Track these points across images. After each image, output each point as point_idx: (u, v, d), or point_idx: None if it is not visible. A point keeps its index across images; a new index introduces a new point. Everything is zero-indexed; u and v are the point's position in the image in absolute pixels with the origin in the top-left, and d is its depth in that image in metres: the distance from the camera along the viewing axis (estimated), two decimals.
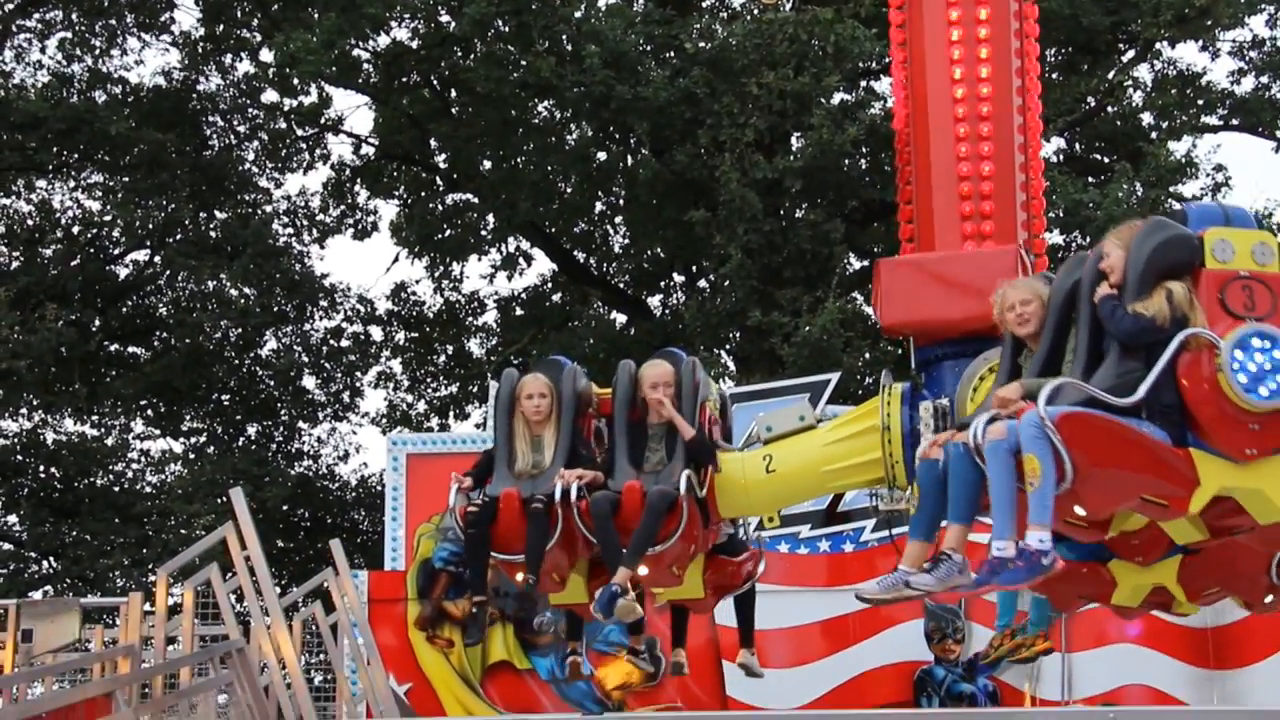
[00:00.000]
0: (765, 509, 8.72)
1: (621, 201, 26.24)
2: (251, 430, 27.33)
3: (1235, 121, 25.47)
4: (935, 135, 7.90)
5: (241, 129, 26.90)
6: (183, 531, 23.70)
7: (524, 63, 23.29)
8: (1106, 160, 25.19)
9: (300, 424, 27.68)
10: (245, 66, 26.24)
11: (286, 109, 26.78)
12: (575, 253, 27.16)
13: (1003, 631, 8.40)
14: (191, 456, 27.02)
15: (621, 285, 27.33)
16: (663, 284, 27.34)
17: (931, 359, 7.68)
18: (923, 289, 7.69)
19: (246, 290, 26.39)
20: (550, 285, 27.88)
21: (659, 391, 7.63)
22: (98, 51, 25.85)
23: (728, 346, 24.23)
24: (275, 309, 26.69)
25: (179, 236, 26.15)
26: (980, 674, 13.55)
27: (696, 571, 7.94)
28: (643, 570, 7.32)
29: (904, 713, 12.72)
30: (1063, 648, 13.60)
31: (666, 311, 26.60)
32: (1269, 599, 7.11)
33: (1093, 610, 13.60)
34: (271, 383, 27.29)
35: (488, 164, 25.24)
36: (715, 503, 7.65)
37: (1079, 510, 6.11)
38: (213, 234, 26.41)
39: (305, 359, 27.45)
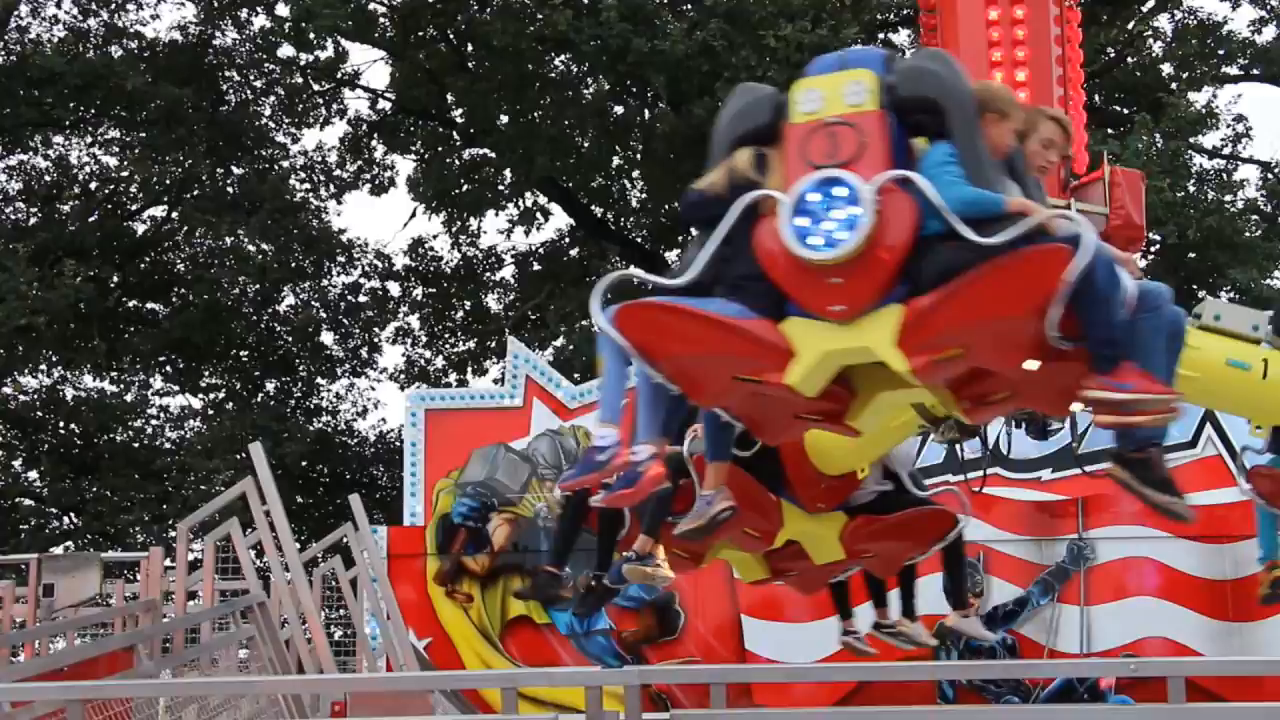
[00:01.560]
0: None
1: (639, 156, 26.12)
2: (270, 386, 27.40)
3: (1256, 71, 25.24)
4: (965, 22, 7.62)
5: (258, 84, 26.86)
6: (202, 487, 23.80)
7: (541, 16, 23.16)
8: (1126, 111, 25.00)
9: (319, 380, 27.74)
10: (261, 21, 26.18)
11: (303, 64, 26.69)
12: (593, 207, 27.08)
13: (1266, 564, 8.05)
14: (210, 412, 27.11)
15: (639, 240, 27.25)
16: (680, 239, 27.24)
17: None
18: None
19: (264, 246, 26.38)
20: (568, 240, 27.83)
21: None
22: (113, 6, 25.78)
23: None
24: (293, 265, 26.69)
25: (196, 192, 26.15)
26: (999, 627, 13.62)
27: (833, 531, 7.34)
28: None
29: (925, 665, 12.72)
30: (1081, 600, 13.63)
31: None
32: None
33: (1111, 563, 13.69)
34: (290, 339, 27.33)
35: (505, 118, 25.13)
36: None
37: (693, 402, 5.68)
38: (230, 190, 26.39)
39: (323, 315, 27.48)
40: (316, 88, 27.36)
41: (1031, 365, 5.14)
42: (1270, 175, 24.76)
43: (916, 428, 6.55)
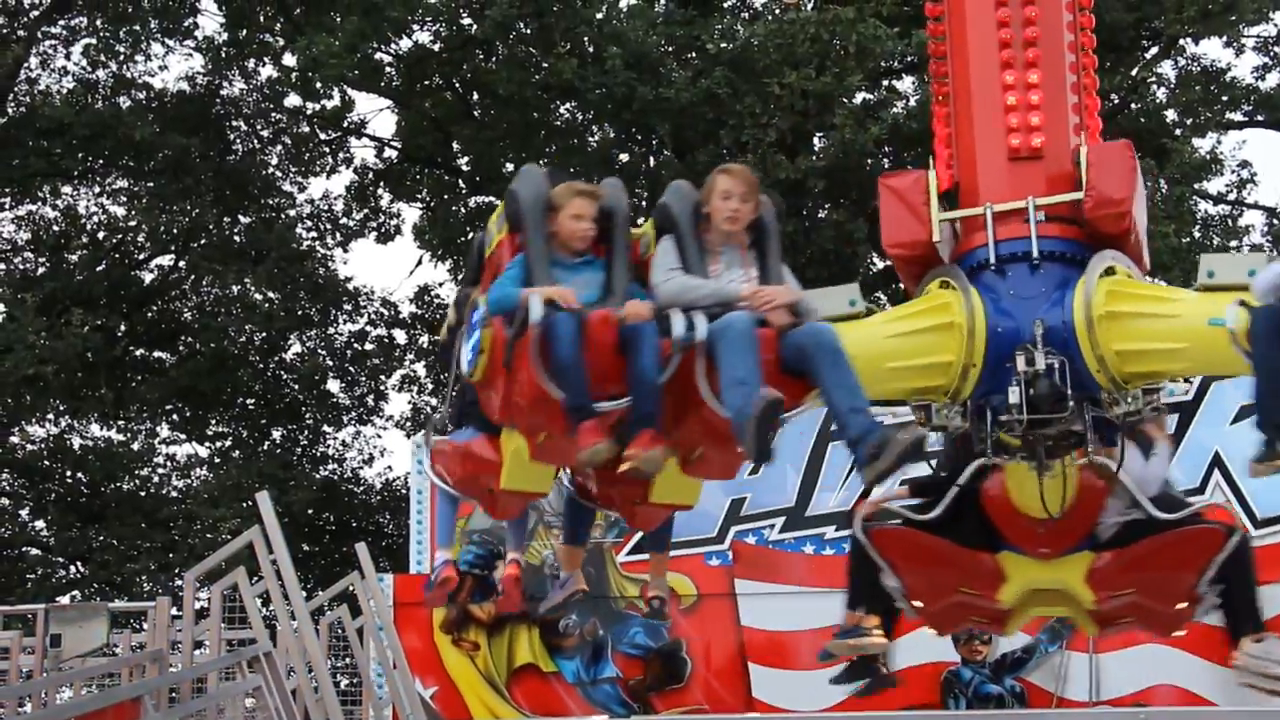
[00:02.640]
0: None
1: (644, 203, 26.19)
2: (276, 434, 27.40)
3: (1260, 117, 25.32)
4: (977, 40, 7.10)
5: (265, 133, 27.01)
6: (209, 536, 23.77)
7: (546, 65, 23.28)
8: None
9: (325, 428, 27.75)
10: (268, 71, 26.34)
11: (309, 113, 26.86)
12: None
13: None
14: (217, 461, 27.12)
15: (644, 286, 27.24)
16: None
17: (977, 261, 6.78)
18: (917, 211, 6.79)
19: (270, 294, 26.46)
20: None
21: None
22: (122, 57, 25.94)
23: None
24: (299, 313, 26.76)
25: (203, 241, 26.24)
26: (1007, 675, 13.54)
27: (1075, 574, 6.86)
28: None
29: (931, 714, 12.67)
30: (1090, 648, 13.56)
31: None
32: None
33: None
34: (296, 387, 27.35)
35: (510, 166, 25.19)
36: None
37: None
38: (237, 238, 26.49)
39: (329, 363, 27.51)
40: (323, 136, 27.50)
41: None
42: (1275, 221, 24.81)
43: None
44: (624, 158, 25.44)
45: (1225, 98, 25.04)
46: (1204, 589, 5.73)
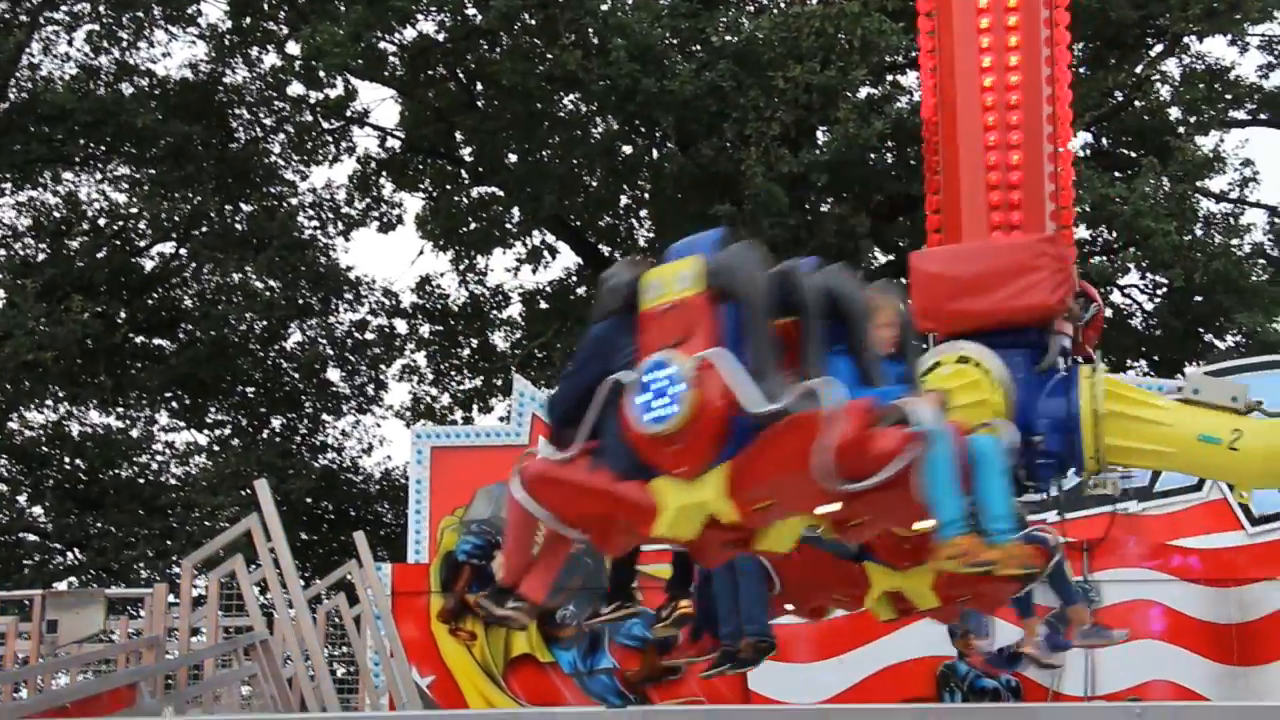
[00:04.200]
0: None
1: (647, 195, 26.19)
2: (276, 423, 27.42)
3: (1264, 116, 25.29)
4: (963, 125, 7.71)
5: (267, 122, 26.98)
6: (207, 524, 23.80)
7: (550, 56, 23.26)
8: (1134, 155, 25.04)
9: (324, 416, 27.78)
10: (271, 59, 26.32)
11: (312, 102, 26.81)
12: (600, 246, 27.13)
13: None
14: (216, 449, 27.12)
15: None
16: None
17: (991, 344, 7.45)
18: (954, 282, 7.51)
19: (271, 283, 26.46)
20: (575, 279, 27.87)
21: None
22: (125, 44, 25.93)
23: None
24: (300, 302, 26.77)
25: (204, 229, 26.22)
26: (1003, 669, 13.56)
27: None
28: None
29: (928, 707, 12.67)
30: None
31: None
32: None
33: (1116, 605, 13.64)
34: (296, 375, 27.36)
35: (513, 157, 25.21)
36: None
37: None
38: (238, 226, 26.48)
39: (330, 352, 27.51)
40: (326, 125, 27.47)
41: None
42: (1277, 219, 24.78)
43: None
44: (627, 149, 25.42)
45: (1229, 96, 25.03)
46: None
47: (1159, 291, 24.46)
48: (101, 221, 26.72)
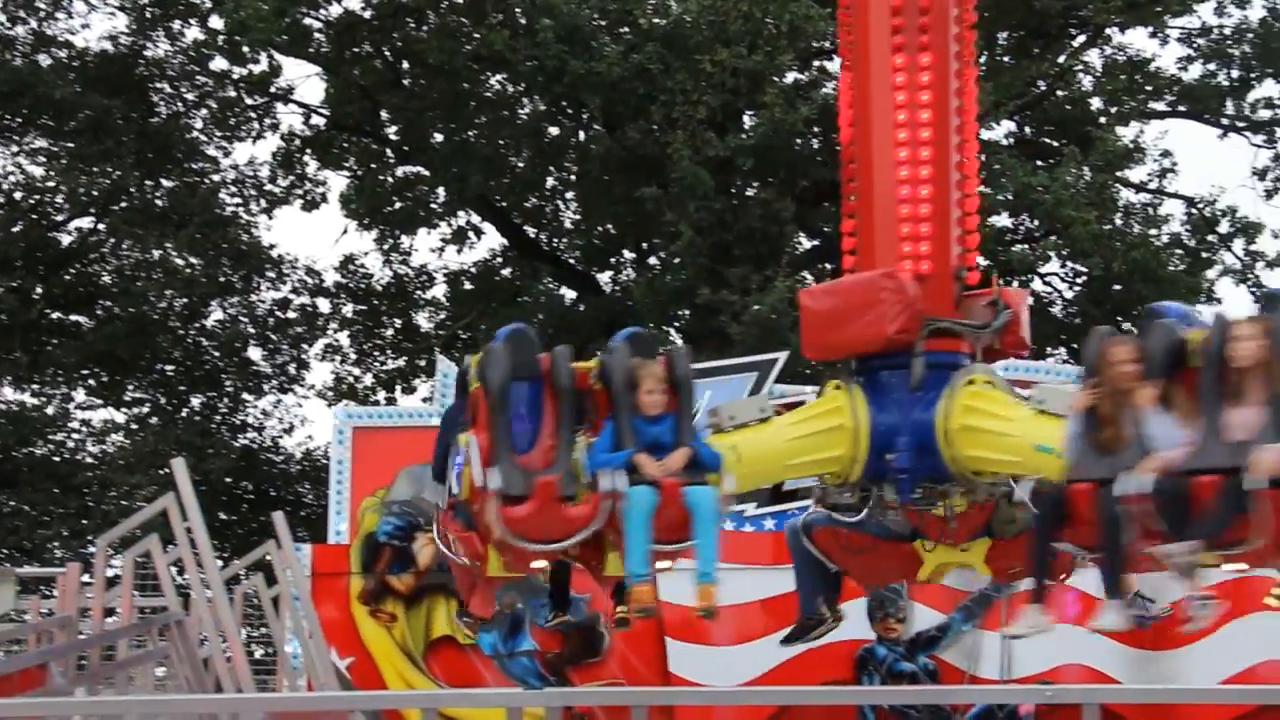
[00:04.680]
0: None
1: (573, 177, 26.15)
2: (195, 401, 27.17)
3: (1182, 108, 25.62)
4: (878, 156, 8.24)
5: (190, 96, 26.67)
6: (123, 503, 23.53)
7: (477, 35, 23.15)
8: (1056, 144, 25.30)
9: (245, 396, 27.54)
10: (194, 33, 25.99)
11: (236, 77, 26.53)
12: (526, 228, 27.07)
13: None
14: (134, 427, 26.82)
15: (571, 261, 27.26)
16: (613, 260, 27.29)
17: (870, 367, 8.09)
18: (821, 316, 8.18)
19: (192, 260, 26.18)
20: (500, 260, 27.79)
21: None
22: (42, 14, 25.51)
23: (677, 324, 24.22)
24: (221, 279, 26.52)
25: (124, 204, 25.89)
26: (921, 653, 13.69)
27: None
28: None
29: (845, 690, 12.75)
30: (1003, 627, 13.73)
31: (616, 288, 26.56)
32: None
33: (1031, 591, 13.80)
34: (216, 354, 27.12)
35: (439, 137, 25.09)
36: None
37: None
38: (159, 202, 26.17)
39: (251, 330, 27.29)
40: (249, 101, 27.18)
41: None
42: (1194, 210, 25.12)
43: None
44: (554, 131, 25.36)
45: (1149, 88, 25.34)
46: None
47: (1079, 280, 24.74)
48: (18, 195, 26.28)
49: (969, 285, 8.28)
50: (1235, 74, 25.05)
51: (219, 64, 26.11)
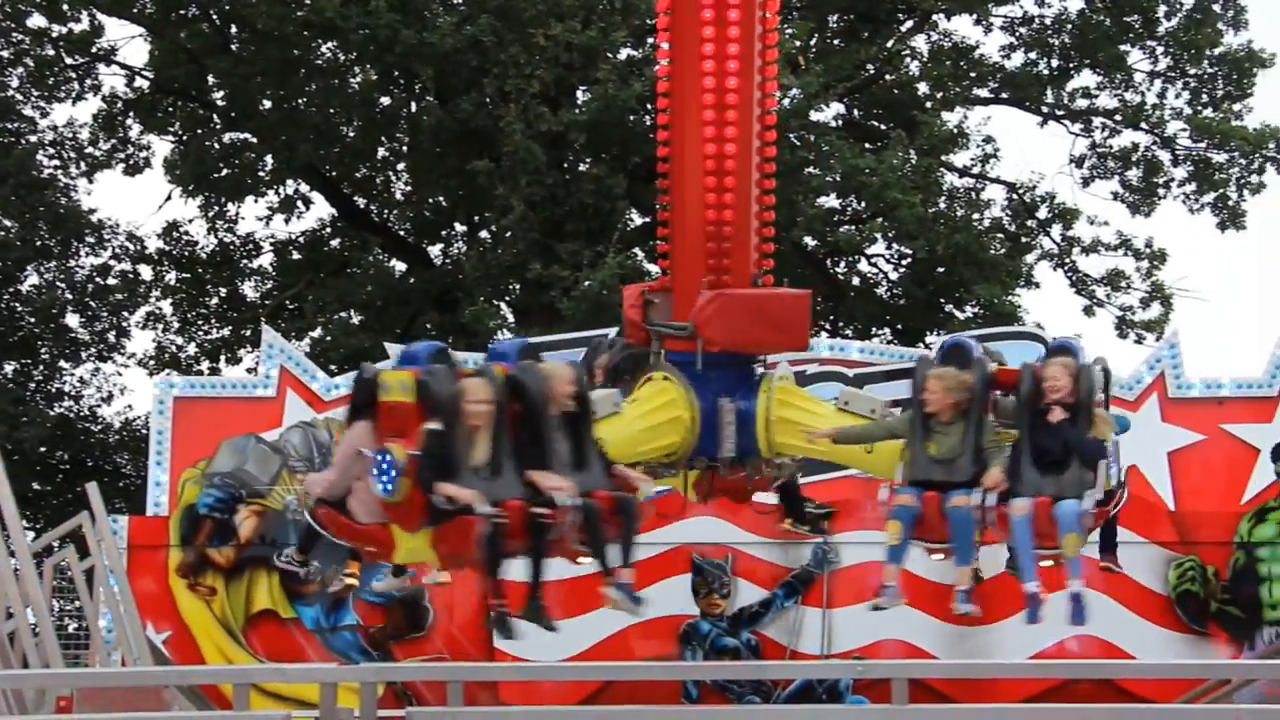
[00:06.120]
0: None
1: (404, 148, 25.90)
2: (9, 368, 26.37)
3: (1004, 95, 26.22)
4: (689, 168, 9.68)
5: (5, 54, 25.78)
6: None
7: (308, 1, 22.76)
8: (883, 127, 25.73)
9: (62, 363, 26.81)
10: None
11: (55, 35, 25.72)
12: (355, 198, 26.76)
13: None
14: None
15: (402, 233, 27.02)
16: (444, 233, 27.11)
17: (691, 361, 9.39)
18: (745, 319, 9.30)
19: (7, 223, 25.39)
20: (329, 230, 27.42)
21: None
22: None
23: (507, 298, 24.16)
24: (38, 243, 25.79)
25: None
26: (744, 628, 13.88)
27: None
28: None
29: (669, 664, 12.89)
30: (824, 603, 13.98)
31: (447, 261, 26.40)
32: None
33: (854, 567, 14.07)
34: (32, 320, 26.34)
35: (268, 104, 24.64)
36: None
37: None
38: None
39: (69, 296, 26.55)
40: (69, 61, 26.39)
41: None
42: (1015, 196, 25.76)
43: None
44: (385, 101, 25.08)
45: (973, 74, 25.88)
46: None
47: (904, 262, 25.22)
48: None
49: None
50: (1055, 63, 25.70)
51: (37, 21, 25.33)
